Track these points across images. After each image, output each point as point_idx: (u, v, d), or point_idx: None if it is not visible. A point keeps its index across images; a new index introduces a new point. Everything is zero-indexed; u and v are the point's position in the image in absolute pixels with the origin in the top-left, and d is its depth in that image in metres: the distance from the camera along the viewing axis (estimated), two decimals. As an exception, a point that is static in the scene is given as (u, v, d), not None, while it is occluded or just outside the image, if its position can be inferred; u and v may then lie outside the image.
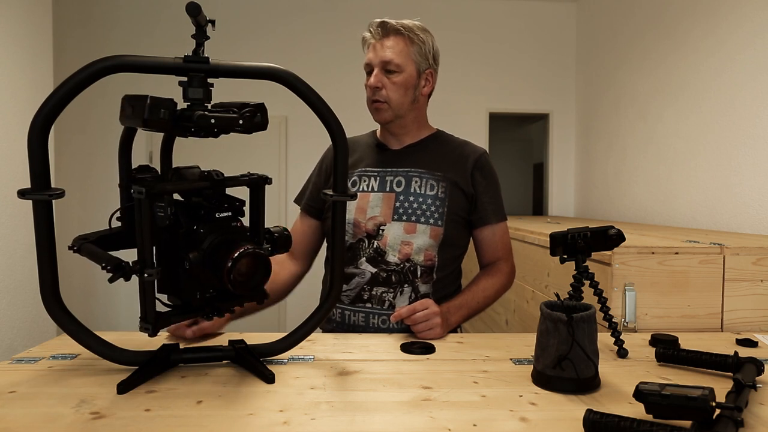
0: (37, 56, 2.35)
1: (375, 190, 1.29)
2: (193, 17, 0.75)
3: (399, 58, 1.24)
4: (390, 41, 1.25)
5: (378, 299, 1.23)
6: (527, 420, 0.70)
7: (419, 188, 1.27)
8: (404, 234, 1.24)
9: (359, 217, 1.27)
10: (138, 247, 0.77)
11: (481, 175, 1.31)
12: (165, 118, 0.75)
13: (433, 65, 1.32)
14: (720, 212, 2.34)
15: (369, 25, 1.28)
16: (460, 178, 1.29)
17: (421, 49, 1.28)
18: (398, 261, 1.23)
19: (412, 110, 1.29)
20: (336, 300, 0.93)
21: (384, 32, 1.26)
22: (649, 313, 1.30)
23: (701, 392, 0.61)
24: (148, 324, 0.79)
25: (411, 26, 1.28)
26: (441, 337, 1.10)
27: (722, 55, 2.34)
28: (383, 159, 1.32)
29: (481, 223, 1.31)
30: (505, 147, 6.30)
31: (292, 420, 0.69)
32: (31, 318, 2.27)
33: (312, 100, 0.83)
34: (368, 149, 1.36)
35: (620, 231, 0.96)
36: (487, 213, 1.31)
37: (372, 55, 1.26)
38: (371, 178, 1.30)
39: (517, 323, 2.14)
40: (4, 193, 2.12)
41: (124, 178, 0.88)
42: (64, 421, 0.68)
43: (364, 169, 1.32)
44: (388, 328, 1.22)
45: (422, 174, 1.28)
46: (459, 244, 1.32)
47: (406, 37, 1.26)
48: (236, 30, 3.89)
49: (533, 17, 4.07)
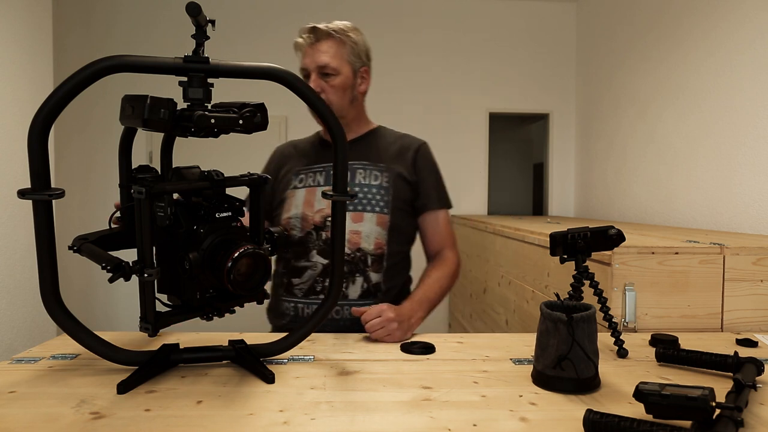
0: (37, 56, 2.35)
1: (321, 184, 1.34)
2: (193, 17, 0.75)
3: (334, 61, 1.29)
4: (324, 45, 1.30)
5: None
6: (527, 420, 0.70)
7: (363, 179, 1.33)
8: (352, 223, 1.29)
9: (307, 211, 1.32)
10: (138, 247, 0.77)
11: (422, 164, 1.38)
12: (165, 118, 0.75)
13: (367, 62, 1.38)
14: (720, 212, 2.34)
15: (300, 31, 1.33)
16: (403, 167, 1.36)
17: (354, 49, 1.33)
18: (348, 251, 1.28)
19: (352, 108, 1.36)
20: (336, 299, 0.93)
21: (317, 37, 1.31)
22: (649, 313, 1.30)
23: (701, 392, 0.61)
24: (148, 324, 0.79)
25: (342, 28, 1.33)
26: (402, 340, 1.10)
27: (722, 55, 2.34)
28: (328, 155, 1.37)
29: (424, 208, 1.38)
30: (505, 147, 6.30)
31: (292, 420, 0.69)
32: (31, 318, 2.27)
33: (312, 100, 0.83)
34: (312, 148, 1.44)
35: (620, 231, 0.96)
36: (430, 198, 1.38)
37: (308, 60, 1.31)
38: (317, 173, 1.37)
39: (517, 323, 2.14)
40: (4, 193, 2.12)
41: (124, 178, 0.88)
42: (64, 421, 0.68)
43: (310, 166, 1.38)
44: (341, 318, 1.27)
45: (366, 166, 1.35)
46: (406, 231, 1.38)
47: (339, 39, 1.32)
48: (236, 30, 3.89)
49: (533, 17, 4.07)
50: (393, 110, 4.00)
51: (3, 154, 2.13)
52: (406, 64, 3.99)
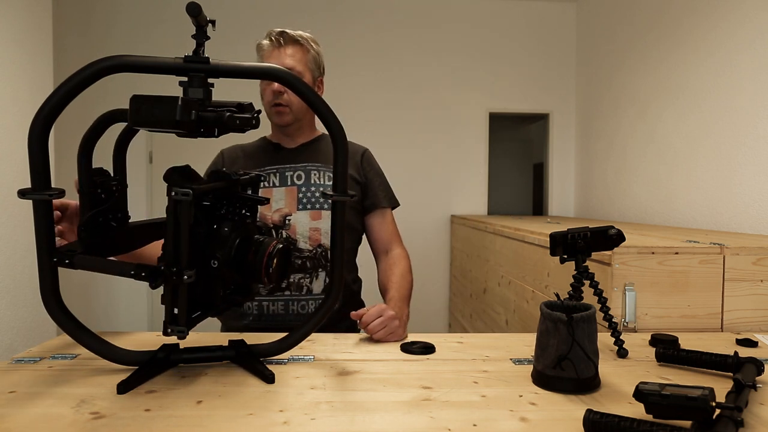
0: (37, 56, 2.35)
1: (277, 185, 1.38)
2: (193, 17, 0.75)
3: (300, 65, 1.36)
4: (290, 49, 1.37)
5: (296, 286, 1.32)
6: (527, 420, 0.70)
7: (318, 179, 1.39)
8: (311, 221, 1.35)
9: (265, 211, 1.35)
10: (173, 250, 0.75)
11: (369, 166, 1.48)
12: (194, 119, 0.73)
13: (322, 74, 1.47)
14: (720, 212, 2.34)
15: (269, 34, 1.38)
16: (353, 169, 1.44)
17: (316, 58, 1.42)
18: (310, 247, 1.33)
19: (308, 113, 1.43)
20: (336, 299, 0.92)
21: (285, 41, 1.37)
22: (649, 313, 1.30)
23: (701, 392, 0.61)
24: (181, 327, 0.77)
25: (307, 37, 1.40)
26: (402, 339, 1.10)
27: (722, 55, 2.34)
28: (281, 157, 1.43)
29: (373, 207, 1.46)
30: (505, 147, 6.30)
31: (292, 420, 0.69)
32: (31, 318, 2.27)
33: (311, 99, 0.83)
34: (263, 151, 1.47)
35: (620, 231, 0.96)
36: (378, 197, 1.46)
37: (274, 62, 1.35)
38: (271, 175, 1.40)
39: (517, 323, 2.14)
40: (4, 193, 2.12)
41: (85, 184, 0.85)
42: (64, 421, 0.67)
43: (263, 168, 1.41)
44: (307, 313, 1.31)
45: (319, 167, 1.41)
46: (357, 228, 1.46)
47: (303, 47, 1.39)
48: (236, 30, 3.89)
49: (533, 17, 4.07)
50: (393, 110, 4.00)
51: (3, 154, 2.13)
52: (406, 64, 3.99)
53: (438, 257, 4.01)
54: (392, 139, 3.97)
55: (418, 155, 3.99)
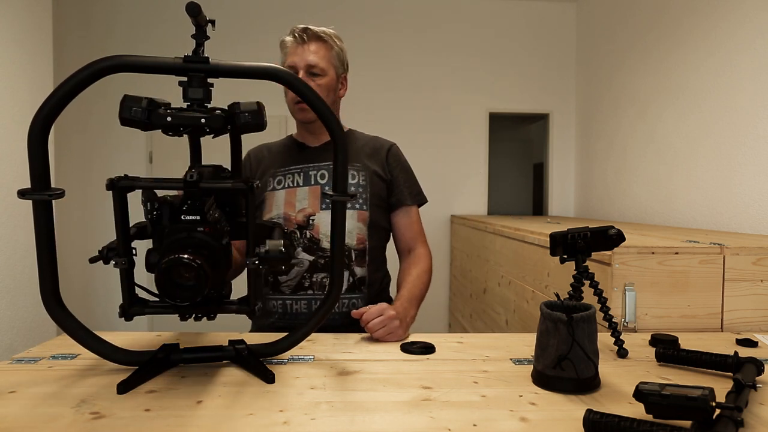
0: (37, 56, 2.35)
1: (301, 185, 1.37)
2: (193, 17, 0.75)
3: (323, 62, 1.35)
4: (313, 46, 1.35)
5: (319, 285, 1.32)
6: (527, 420, 0.70)
7: None
8: None
9: (289, 211, 1.35)
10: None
11: (395, 162, 1.45)
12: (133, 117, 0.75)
13: (346, 70, 1.45)
14: (720, 212, 2.34)
15: (292, 30, 1.36)
16: (378, 166, 1.42)
17: (339, 55, 1.40)
18: None
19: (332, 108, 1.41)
20: (336, 299, 0.92)
21: (308, 37, 1.35)
22: (649, 313, 1.30)
23: (701, 392, 0.61)
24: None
25: (330, 33, 1.38)
26: (402, 339, 1.10)
27: (722, 55, 2.34)
28: (305, 156, 1.42)
29: (398, 204, 1.43)
30: (505, 147, 6.30)
31: (292, 420, 0.69)
32: (31, 318, 2.27)
33: (311, 100, 0.83)
34: (287, 150, 1.46)
35: (620, 231, 0.96)
36: (403, 194, 1.44)
37: (297, 59, 1.34)
38: (295, 174, 1.39)
39: (517, 323, 2.14)
40: (4, 193, 2.12)
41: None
42: (64, 421, 0.67)
43: (287, 167, 1.41)
44: (332, 312, 1.28)
45: None
46: (384, 226, 1.43)
47: (327, 43, 1.37)
48: (236, 30, 3.89)
49: (533, 17, 4.07)
50: (393, 109, 4.00)
51: (3, 154, 2.13)
52: (406, 64, 3.99)
53: (438, 257, 4.01)
54: (392, 139, 3.95)
55: (418, 155, 3.98)
